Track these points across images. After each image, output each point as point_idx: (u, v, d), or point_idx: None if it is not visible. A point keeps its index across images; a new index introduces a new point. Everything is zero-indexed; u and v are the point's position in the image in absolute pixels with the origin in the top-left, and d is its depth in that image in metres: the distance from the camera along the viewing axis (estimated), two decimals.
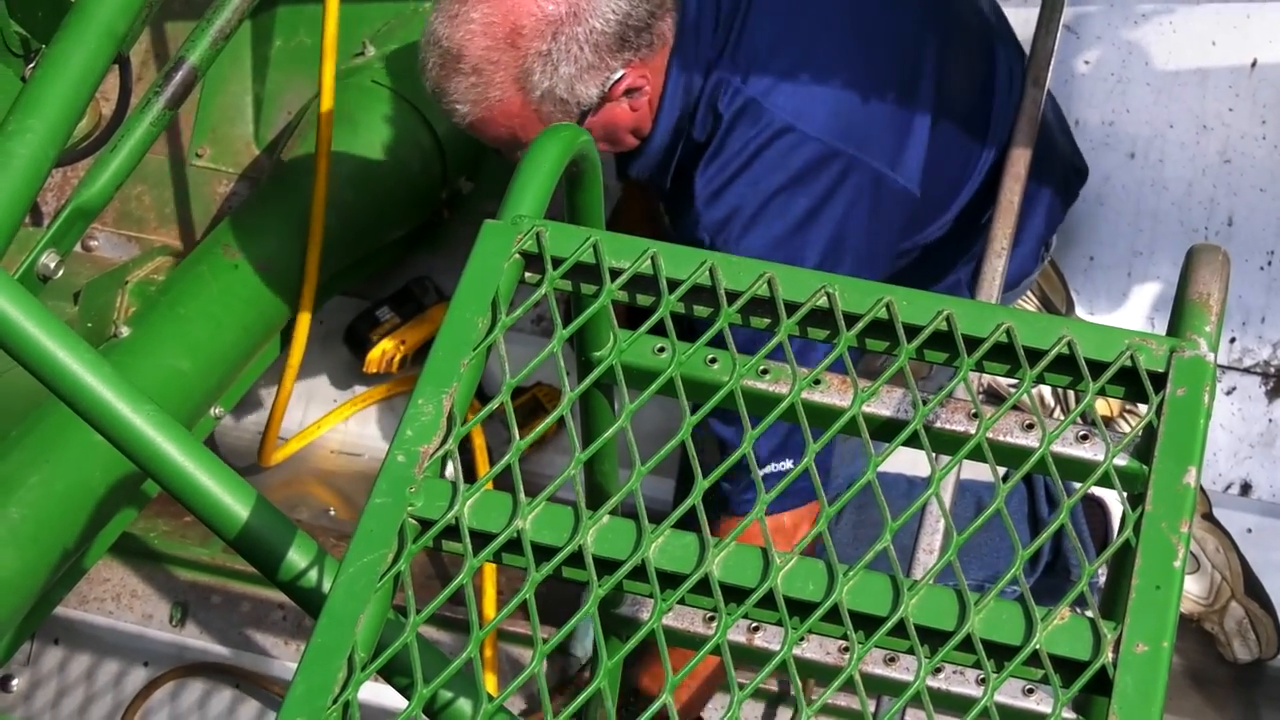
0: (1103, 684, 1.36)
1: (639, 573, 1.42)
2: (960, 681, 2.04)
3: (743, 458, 1.48)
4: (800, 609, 1.41)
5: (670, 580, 1.42)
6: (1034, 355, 1.51)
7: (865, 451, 1.47)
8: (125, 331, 2.90)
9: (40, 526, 2.57)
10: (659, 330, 1.54)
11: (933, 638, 1.40)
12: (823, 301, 1.54)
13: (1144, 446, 1.51)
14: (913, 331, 1.53)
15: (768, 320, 1.56)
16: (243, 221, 3.07)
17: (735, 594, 1.41)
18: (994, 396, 3.10)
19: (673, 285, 1.55)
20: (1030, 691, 2.06)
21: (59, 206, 2.78)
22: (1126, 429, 1.78)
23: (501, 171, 3.22)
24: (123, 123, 2.97)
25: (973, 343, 1.51)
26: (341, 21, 3.00)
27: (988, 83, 2.82)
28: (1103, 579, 3.03)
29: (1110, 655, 1.36)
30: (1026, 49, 2.87)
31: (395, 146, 3.17)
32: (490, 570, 2.94)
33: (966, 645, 1.38)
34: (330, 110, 2.99)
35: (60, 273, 2.62)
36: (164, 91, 2.87)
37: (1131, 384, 1.51)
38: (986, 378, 3.01)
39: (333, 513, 3.18)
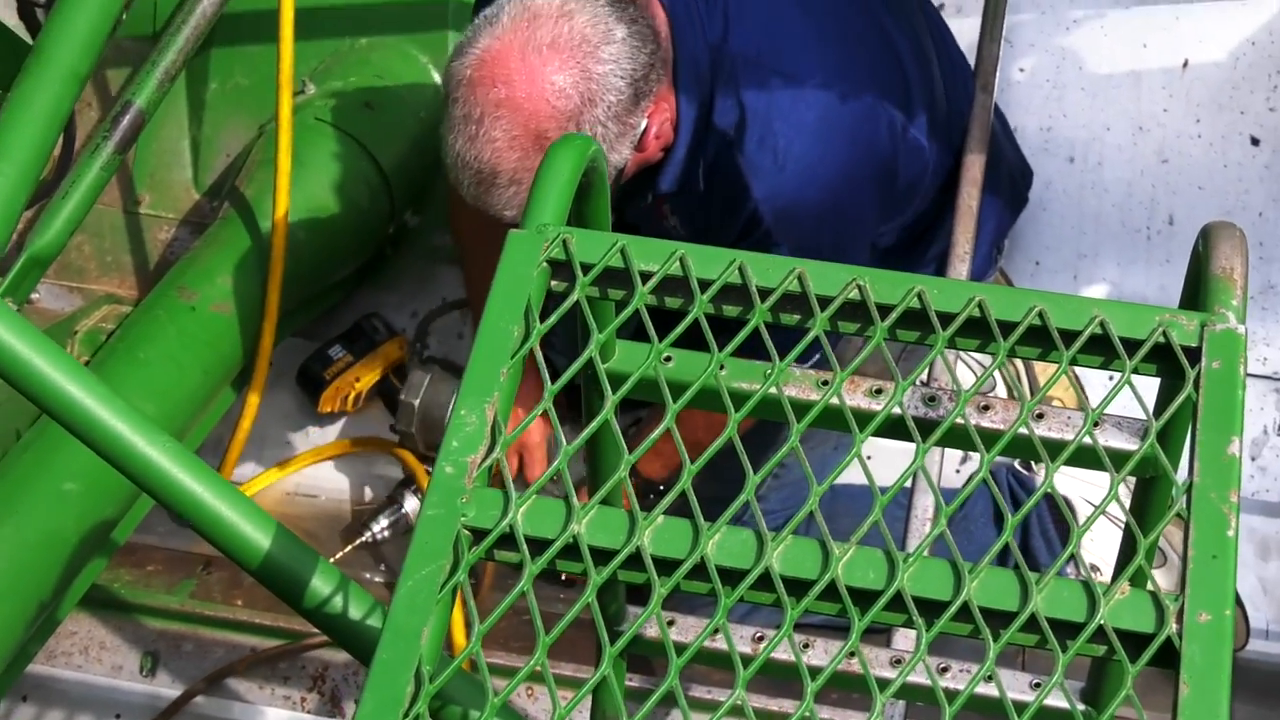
0: (1167, 656, 1.37)
1: (697, 571, 1.42)
2: (966, 679, 2.07)
3: None
4: (862, 598, 1.41)
5: (729, 576, 1.42)
6: (1068, 336, 1.52)
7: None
8: None
9: (15, 579, 2.53)
10: (694, 331, 1.54)
11: (994, 620, 1.41)
12: (854, 294, 1.54)
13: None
14: (945, 319, 1.54)
15: (798, 316, 1.57)
16: (197, 263, 3.04)
17: (797, 587, 1.42)
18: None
19: (703, 286, 1.56)
20: (1037, 685, 2.09)
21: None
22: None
23: (446, 205, 3.22)
24: (70, 168, 2.95)
25: (1006, 327, 1.53)
26: (280, 60, 2.98)
27: (947, 87, 2.86)
28: (1069, 571, 3.06)
29: (1174, 626, 1.37)
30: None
31: (343, 183, 3.16)
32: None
33: (1030, 626, 1.39)
34: (289, 146, 2.98)
35: None
36: (112, 135, 2.85)
37: (1162, 360, 1.53)
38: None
39: None
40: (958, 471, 3.24)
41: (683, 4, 2.51)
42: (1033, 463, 3.13)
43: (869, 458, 1.50)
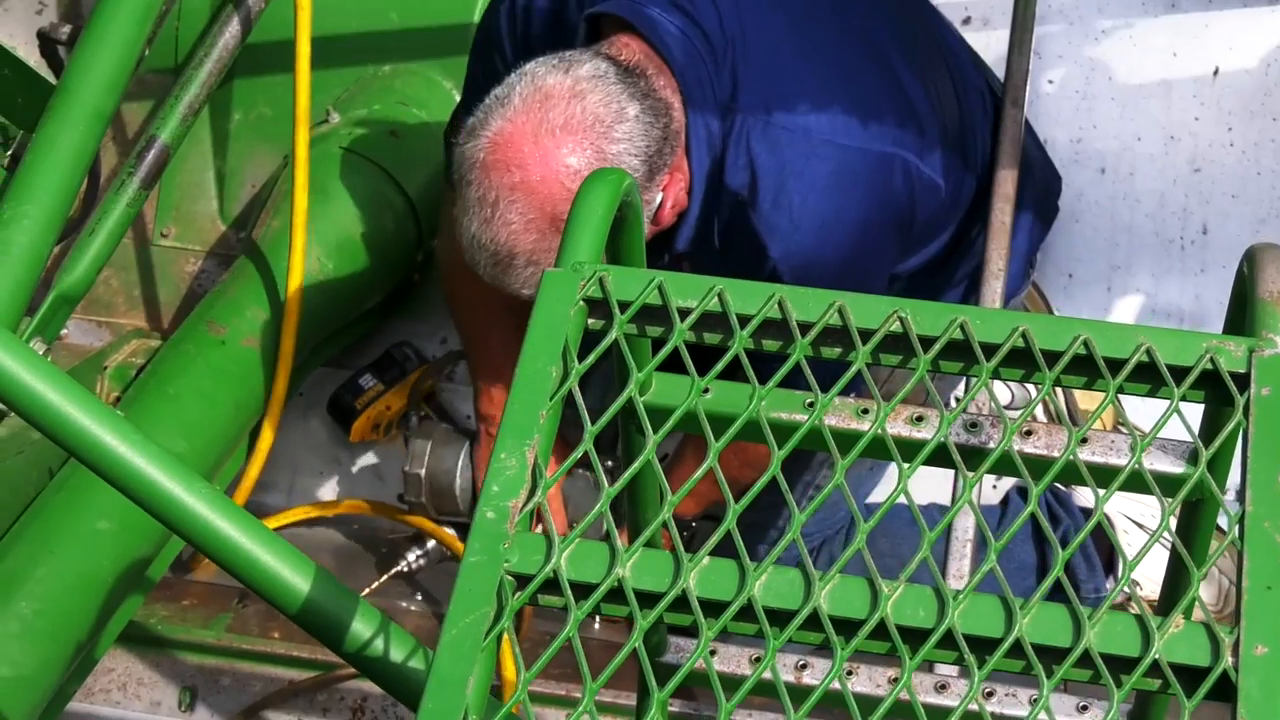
0: (1223, 689, 1.35)
1: (744, 611, 1.40)
2: (1013, 704, 2.05)
3: None
4: (912, 637, 1.39)
5: (776, 616, 1.40)
6: (1113, 365, 1.50)
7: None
8: None
9: (54, 620, 2.52)
10: (735, 365, 1.52)
11: (1045, 654, 1.39)
12: (896, 326, 1.53)
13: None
14: (988, 349, 1.52)
15: (839, 349, 1.55)
16: (225, 297, 3.03)
17: (845, 626, 1.40)
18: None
19: (742, 321, 1.54)
20: (1084, 709, 2.07)
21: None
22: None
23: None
24: (95, 206, 2.94)
25: (1051, 356, 1.51)
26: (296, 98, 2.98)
27: (962, 107, 2.84)
28: (1108, 587, 3.03)
29: (1230, 659, 1.35)
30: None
31: (369, 212, 3.15)
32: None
33: (1085, 662, 1.37)
34: (305, 180, 2.97)
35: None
36: (137, 171, 2.85)
37: (1209, 386, 1.51)
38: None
39: None
40: (994, 488, 3.22)
41: (692, 70, 2.49)
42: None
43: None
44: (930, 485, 3.04)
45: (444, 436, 3.14)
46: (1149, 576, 2.93)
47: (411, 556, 3.19)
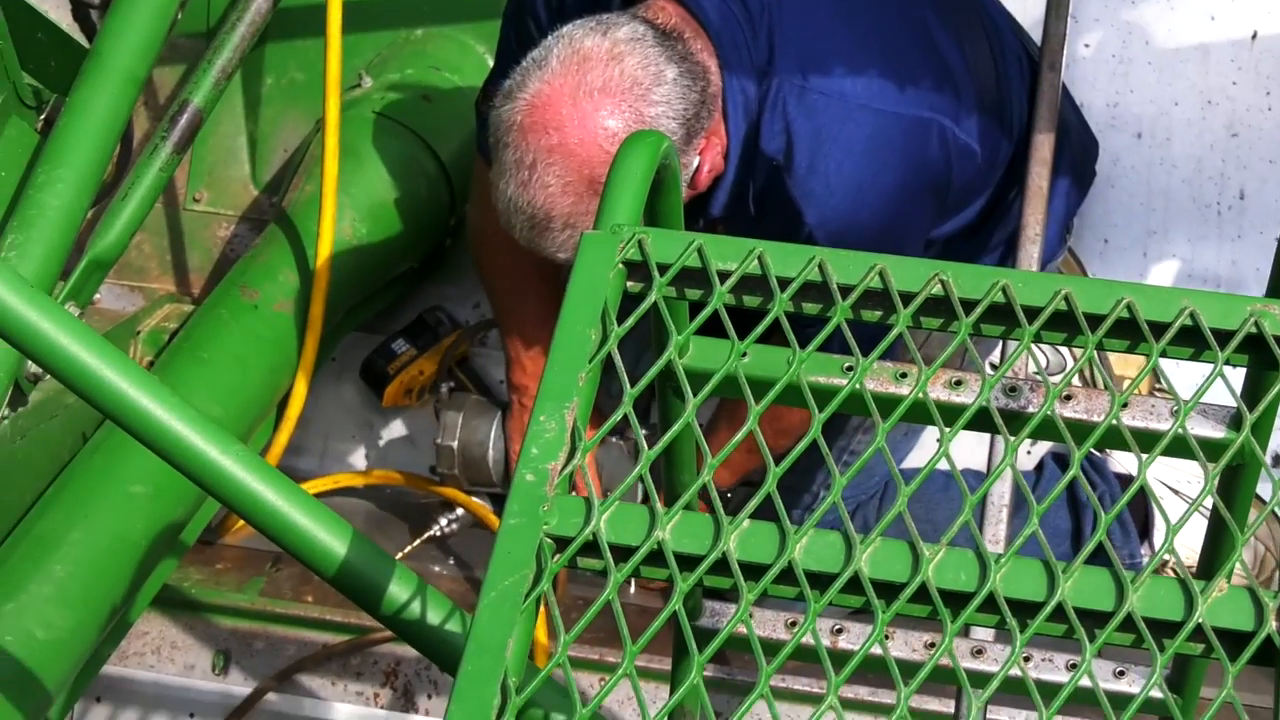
0: (1267, 654, 1.34)
1: (784, 574, 1.40)
2: (1050, 669, 2.04)
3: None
4: (951, 601, 1.39)
5: (816, 579, 1.40)
6: (1156, 328, 1.49)
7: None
8: None
9: (88, 583, 2.53)
10: (775, 328, 1.52)
11: (1086, 618, 1.38)
12: (937, 290, 1.52)
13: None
14: (1030, 313, 1.51)
15: (879, 313, 1.54)
16: (258, 261, 3.03)
17: (884, 590, 1.39)
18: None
19: (782, 284, 1.53)
20: (1121, 674, 2.06)
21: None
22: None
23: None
24: (128, 170, 2.94)
25: (1093, 320, 1.49)
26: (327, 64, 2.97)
27: (999, 71, 2.82)
28: (1145, 557, 3.03)
29: (1275, 623, 1.34)
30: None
31: (402, 177, 3.15)
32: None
33: (1126, 626, 1.36)
34: (336, 145, 2.96)
35: None
36: (170, 135, 2.85)
37: (1254, 351, 1.50)
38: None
39: None
40: (1029, 454, 3.20)
41: (728, 34, 2.48)
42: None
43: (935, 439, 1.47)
44: (963, 451, 3.03)
45: (475, 407, 3.12)
46: (1183, 544, 2.92)
47: (444, 521, 3.18)
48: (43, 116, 2.87)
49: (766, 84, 2.49)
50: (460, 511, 3.19)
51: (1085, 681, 1.35)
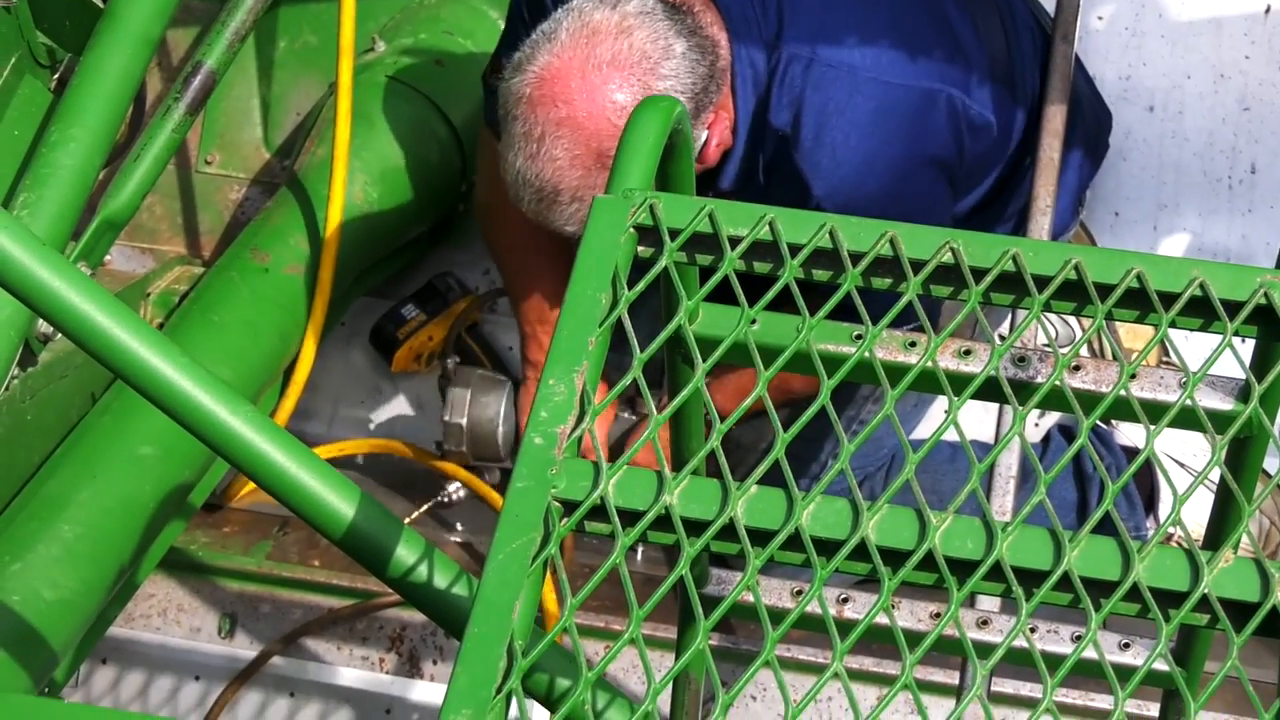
0: (1272, 624, 1.34)
1: (790, 540, 1.40)
2: (1055, 640, 2.04)
3: None
4: (957, 570, 1.39)
5: (823, 546, 1.40)
6: (1166, 299, 1.49)
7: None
8: None
9: (96, 544, 2.53)
10: (785, 295, 1.52)
11: (1092, 588, 1.38)
12: (948, 258, 1.51)
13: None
14: (1039, 281, 1.50)
15: (889, 280, 1.54)
16: (269, 224, 3.03)
17: (891, 558, 1.39)
18: None
19: (793, 250, 1.53)
20: (1126, 646, 2.06)
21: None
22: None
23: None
24: (140, 131, 2.94)
25: (1103, 290, 1.49)
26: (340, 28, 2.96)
27: (1010, 43, 2.81)
28: (1150, 529, 3.02)
29: None
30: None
31: (414, 142, 3.15)
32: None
33: (1132, 596, 1.36)
34: (349, 109, 2.96)
35: None
36: (183, 97, 2.85)
37: (1263, 323, 1.50)
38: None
39: None
40: (1036, 425, 3.20)
41: (738, 6, 2.48)
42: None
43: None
44: (970, 423, 3.03)
45: (482, 383, 3.08)
46: (1188, 518, 2.92)
47: (451, 488, 3.18)
48: (56, 76, 2.87)
49: (775, 57, 2.49)
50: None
51: (1090, 653, 1.35)
